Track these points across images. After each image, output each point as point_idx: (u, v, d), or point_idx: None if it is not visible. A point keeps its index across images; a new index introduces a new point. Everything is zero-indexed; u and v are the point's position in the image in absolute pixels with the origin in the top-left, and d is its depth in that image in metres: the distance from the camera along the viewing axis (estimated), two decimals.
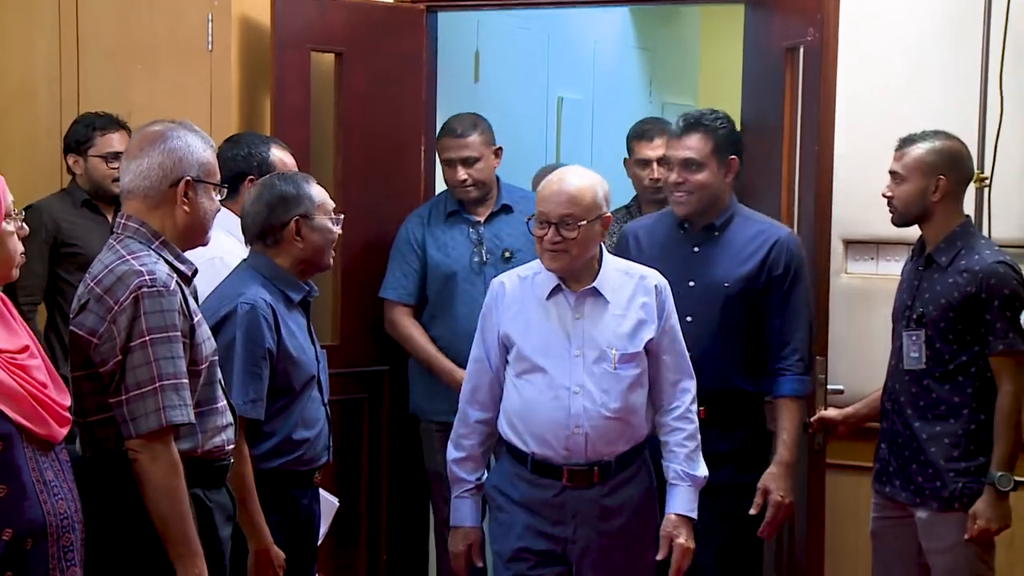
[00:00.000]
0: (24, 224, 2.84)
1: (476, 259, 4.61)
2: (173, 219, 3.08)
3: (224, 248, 3.67)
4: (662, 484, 3.68)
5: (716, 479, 3.75)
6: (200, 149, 3.11)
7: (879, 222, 3.98)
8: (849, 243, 4.50)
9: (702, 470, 3.59)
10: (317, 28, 4.76)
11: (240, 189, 3.75)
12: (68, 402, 2.83)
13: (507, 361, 3.66)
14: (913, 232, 3.88)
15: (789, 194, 4.44)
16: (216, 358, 3.16)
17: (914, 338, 3.80)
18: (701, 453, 3.61)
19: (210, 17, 4.55)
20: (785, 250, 3.95)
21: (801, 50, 4.33)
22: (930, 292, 3.78)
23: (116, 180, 4.31)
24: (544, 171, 5.29)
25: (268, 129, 4.62)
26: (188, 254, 3.17)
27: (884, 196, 3.87)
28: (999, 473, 3.63)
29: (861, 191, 4.15)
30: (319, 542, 4.21)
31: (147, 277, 2.93)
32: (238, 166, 3.92)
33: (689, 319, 3.89)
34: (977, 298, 3.67)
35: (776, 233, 4.00)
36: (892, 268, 4.24)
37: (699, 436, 3.62)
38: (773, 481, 3.90)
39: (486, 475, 3.76)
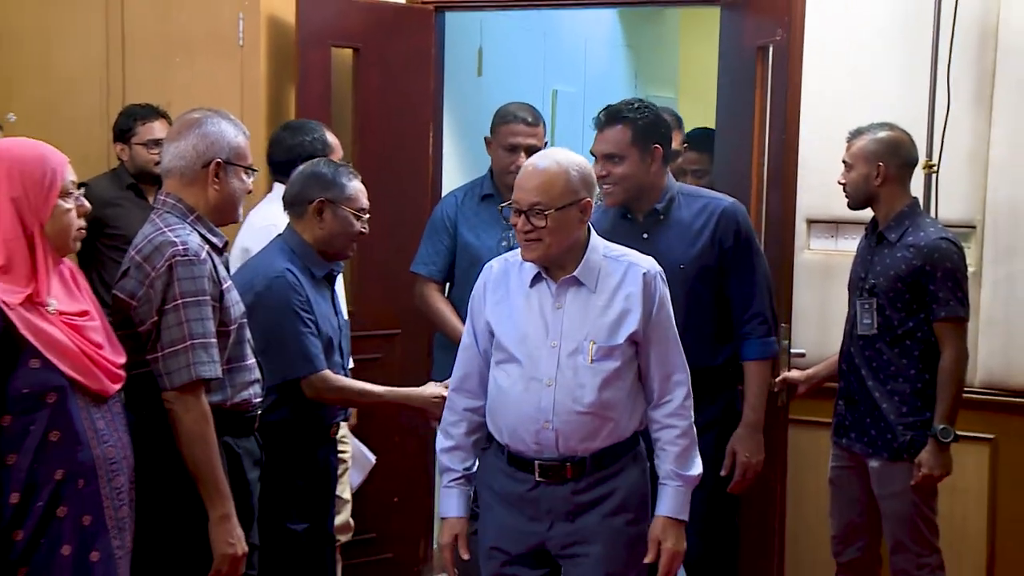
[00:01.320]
0: (85, 201, 2.84)
1: (504, 243, 4.32)
2: (205, 196, 3.13)
3: (279, 219, 3.73)
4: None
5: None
6: (232, 135, 3.16)
7: (838, 204, 4.00)
8: (811, 222, 4.53)
9: (695, 469, 3.13)
10: (337, 26, 4.79)
11: None
12: (122, 360, 2.84)
13: None
14: (868, 213, 3.92)
15: (759, 178, 4.42)
16: (244, 320, 3.19)
17: (867, 306, 3.85)
18: (697, 451, 3.16)
19: (241, 15, 4.57)
20: (731, 220, 3.73)
21: (771, 48, 4.33)
22: (881, 265, 3.83)
23: (158, 164, 4.45)
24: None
25: (292, 116, 4.66)
26: (252, 223, 3.23)
27: (839, 183, 3.91)
28: (941, 426, 3.69)
29: (822, 176, 4.14)
30: (352, 491, 4.30)
31: (180, 247, 2.98)
32: (306, 149, 4.03)
33: None
34: (922, 270, 3.73)
35: (719, 205, 3.75)
36: (849, 245, 4.27)
37: (694, 433, 3.16)
38: (740, 443, 3.76)
39: (477, 464, 3.32)
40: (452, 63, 5.35)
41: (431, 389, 3.75)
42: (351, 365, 4.02)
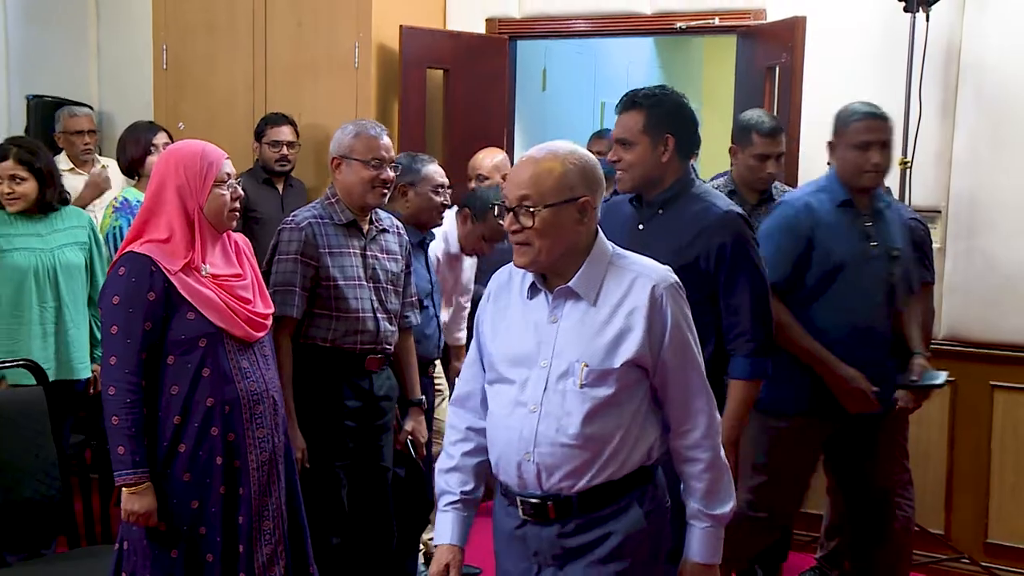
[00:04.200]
0: (239, 188, 2.84)
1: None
2: (337, 184, 3.28)
3: None
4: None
5: None
6: (346, 135, 3.27)
7: None
8: None
9: (725, 505, 2.27)
10: (431, 52, 4.86)
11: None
12: (269, 311, 2.88)
13: None
14: None
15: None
16: (354, 282, 3.24)
17: None
18: (728, 483, 2.28)
19: (356, 44, 4.63)
20: (720, 229, 2.83)
21: (777, 69, 4.39)
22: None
23: (278, 161, 4.55)
24: None
25: (396, 126, 4.70)
26: None
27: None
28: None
29: (819, 169, 3.88)
30: None
31: (290, 219, 3.20)
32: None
33: None
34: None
35: (712, 213, 2.85)
36: None
37: (723, 463, 2.28)
38: None
39: (481, 489, 2.41)
40: (521, 81, 5.39)
41: None
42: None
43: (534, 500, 2.22)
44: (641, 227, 2.95)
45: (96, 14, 5.76)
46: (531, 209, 2.17)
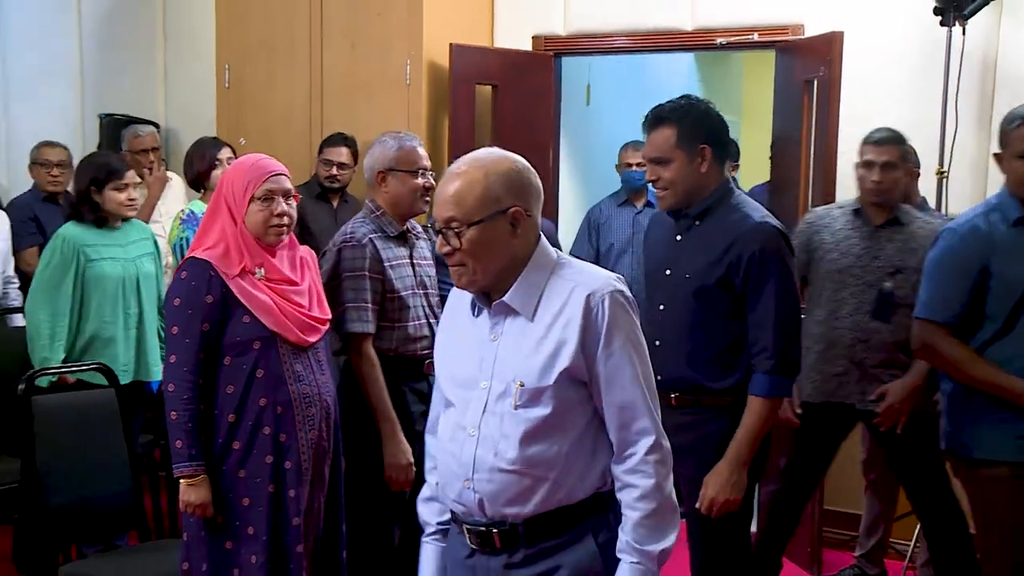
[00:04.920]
0: (283, 205, 2.81)
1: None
2: (382, 197, 3.28)
3: None
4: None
5: (680, 472, 2.37)
6: (391, 148, 3.27)
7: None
8: None
9: (659, 542, 1.97)
10: (480, 68, 4.86)
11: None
12: (326, 317, 2.89)
13: None
14: None
15: (805, 185, 4.40)
16: (412, 292, 3.23)
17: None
18: (668, 518, 1.99)
19: (408, 62, 4.63)
20: (748, 242, 2.70)
21: (815, 82, 4.34)
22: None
23: (327, 179, 4.59)
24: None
25: (447, 141, 4.73)
26: None
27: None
28: None
29: (854, 182, 3.90)
30: None
31: (348, 236, 3.15)
32: None
33: (662, 307, 2.86)
34: None
35: (742, 226, 2.73)
36: None
37: (663, 497, 1.97)
38: (710, 476, 2.75)
39: None
40: (566, 96, 5.38)
41: None
42: None
43: (480, 528, 2.02)
44: (679, 238, 2.85)
45: (163, 38, 5.91)
46: (458, 230, 1.95)
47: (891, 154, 3.54)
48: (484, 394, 2.00)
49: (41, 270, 3.86)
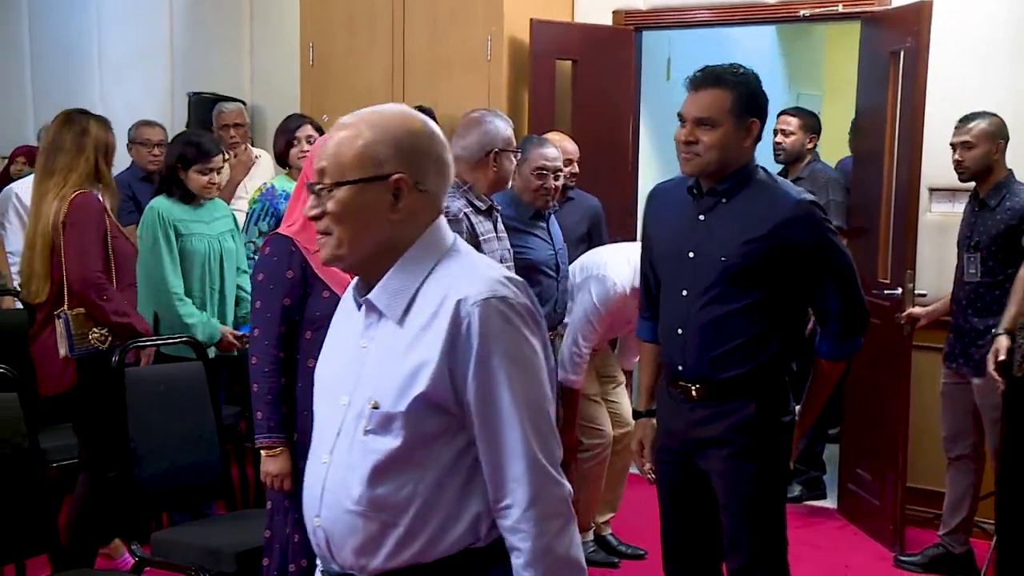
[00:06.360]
0: None
1: None
2: (486, 177, 3.22)
3: None
4: None
5: (711, 465, 2.59)
6: (503, 129, 3.24)
7: (954, 176, 3.89)
8: (933, 190, 4.40)
9: None
10: (560, 43, 4.83)
11: None
12: None
13: None
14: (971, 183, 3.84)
15: (891, 156, 4.32)
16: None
17: (972, 259, 3.78)
18: None
19: (489, 38, 4.64)
20: (795, 223, 2.50)
21: (902, 53, 4.24)
22: (983, 226, 3.75)
23: None
24: None
25: (527, 116, 4.69)
26: None
27: (956, 160, 3.76)
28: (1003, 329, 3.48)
29: (942, 153, 4.00)
30: None
31: (443, 209, 3.15)
32: None
33: (685, 293, 2.59)
34: (1018, 228, 3.66)
35: (785, 206, 2.52)
36: (963, 209, 4.08)
37: (556, 557, 1.52)
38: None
39: None
40: (646, 70, 5.32)
41: None
42: None
43: None
44: (702, 218, 2.60)
45: (250, 17, 5.96)
46: (327, 188, 1.56)
47: None
48: (343, 412, 1.59)
49: (150, 247, 3.90)
